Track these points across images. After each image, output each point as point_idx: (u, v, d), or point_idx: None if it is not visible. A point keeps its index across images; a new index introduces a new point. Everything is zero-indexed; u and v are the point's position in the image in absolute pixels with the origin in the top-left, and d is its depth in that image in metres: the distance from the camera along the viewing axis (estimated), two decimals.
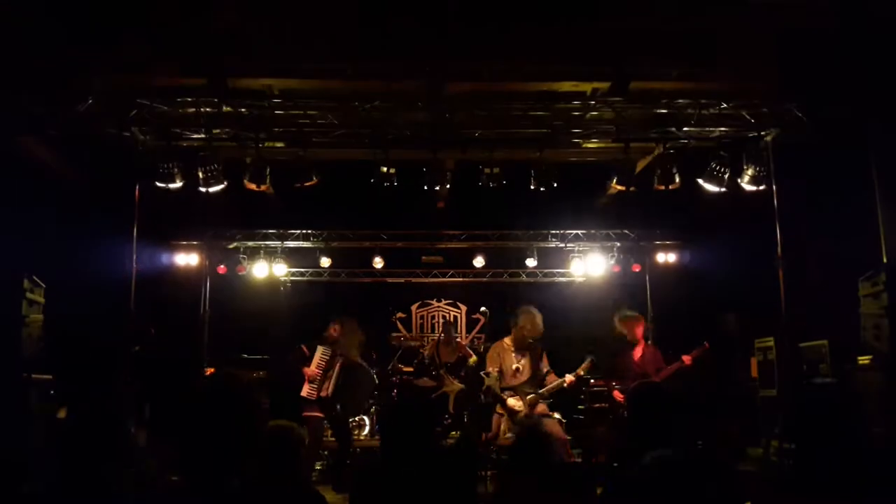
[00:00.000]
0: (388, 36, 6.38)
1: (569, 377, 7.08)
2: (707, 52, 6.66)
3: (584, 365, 7.19)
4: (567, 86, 7.21)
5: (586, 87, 7.18)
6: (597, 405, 9.08)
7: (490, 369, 7.08)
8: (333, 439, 8.55)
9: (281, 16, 6.16)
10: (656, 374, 7.40)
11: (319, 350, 8.12)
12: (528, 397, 6.98)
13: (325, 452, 8.87)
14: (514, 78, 7.06)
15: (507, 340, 7.23)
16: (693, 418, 7.90)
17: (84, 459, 2.46)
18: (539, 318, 7.14)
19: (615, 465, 7.41)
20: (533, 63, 6.85)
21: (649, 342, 7.90)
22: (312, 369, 8.00)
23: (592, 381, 9.02)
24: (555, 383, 7.09)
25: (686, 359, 7.55)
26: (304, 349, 8.15)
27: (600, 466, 8.08)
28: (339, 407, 8.08)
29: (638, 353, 7.66)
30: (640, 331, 7.73)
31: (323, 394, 7.94)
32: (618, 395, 7.72)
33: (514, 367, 7.09)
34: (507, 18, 6.09)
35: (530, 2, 5.84)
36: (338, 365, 8.06)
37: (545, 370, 7.19)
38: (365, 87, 7.15)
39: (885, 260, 7.37)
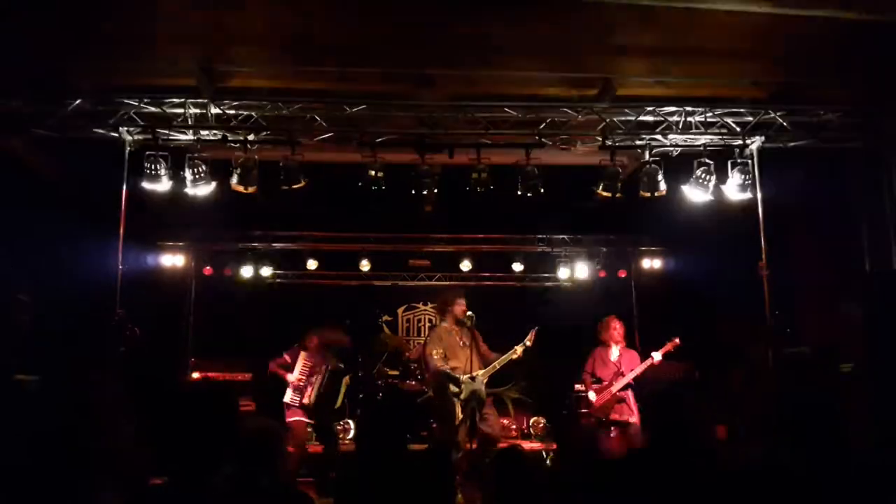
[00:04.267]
0: (376, 38, 6.40)
1: (518, 348, 7.22)
2: (693, 59, 6.73)
3: (529, 336, 7.28)
4: (554, 91, 7.26)
5: (573, 92, 7.24)
6: (582, 410, 9.06)
7: (433, 351, 7.21)
8: (319, 444, 8.52)
9: (269, 16, 6.16)
10: (630, 373, 7.49)
11: (302, 356, 8.07)
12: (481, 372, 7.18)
13: (309, 457, 8.84)
14: (501, 83, 7.12)
15: (446, 325, 7.43)
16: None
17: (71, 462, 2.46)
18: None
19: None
20: (520, 68, 6.89)
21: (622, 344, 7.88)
22: (296, 376, 7.97)
23: (577, 385, 9.03)
24: (504, 356, 7.22)
25: (655, 355, 7.53)
26: (287, 356, 8.10)
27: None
28: (321, 412, 8.05)
29: (614, 353, 7.71)
30: (611, 332, 7.77)
31: (305, 401, 7.90)
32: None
33: (460, 342, 7.29)
34: (494, 23, 6.12)
35: (518, 7, 5.86)
36: (322, 372, 8.04)
37: (483, 348, 7.39)
38: (353, 89, 7.17)
39: (867, 267, 7.46)
